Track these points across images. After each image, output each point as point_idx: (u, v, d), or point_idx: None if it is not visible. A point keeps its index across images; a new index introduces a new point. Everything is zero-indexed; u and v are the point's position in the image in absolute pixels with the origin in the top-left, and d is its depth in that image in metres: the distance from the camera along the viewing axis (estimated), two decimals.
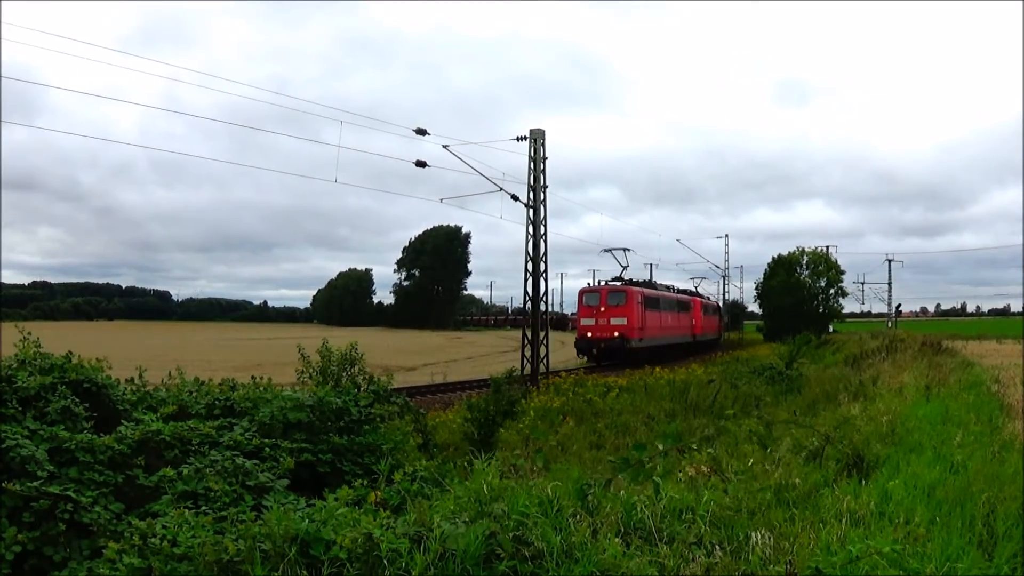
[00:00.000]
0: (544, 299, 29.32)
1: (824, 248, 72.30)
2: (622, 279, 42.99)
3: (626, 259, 43.48)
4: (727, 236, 78.61)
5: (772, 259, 72.93)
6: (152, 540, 4.71)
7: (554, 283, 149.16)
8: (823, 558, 4.28)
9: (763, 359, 33.63)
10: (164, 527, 4.90)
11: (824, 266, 70.21)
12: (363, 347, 14.47)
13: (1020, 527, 5.40)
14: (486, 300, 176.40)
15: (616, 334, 38.56)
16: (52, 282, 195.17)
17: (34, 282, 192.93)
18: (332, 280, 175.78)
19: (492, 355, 58.95)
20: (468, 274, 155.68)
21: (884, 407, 11.94)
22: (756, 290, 75.50)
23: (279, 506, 5.18)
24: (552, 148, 33.48)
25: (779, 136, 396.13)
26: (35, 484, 5.93)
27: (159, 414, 8.37)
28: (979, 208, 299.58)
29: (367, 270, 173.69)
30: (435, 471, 6.94)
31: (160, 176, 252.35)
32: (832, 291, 70.39)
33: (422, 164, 25.53)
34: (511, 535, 4.27)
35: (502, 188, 27.42)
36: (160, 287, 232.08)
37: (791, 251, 72.28)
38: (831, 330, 71.32)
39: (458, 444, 13.62)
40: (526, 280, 28.86)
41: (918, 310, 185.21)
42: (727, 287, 79.03)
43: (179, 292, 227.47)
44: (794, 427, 9.92)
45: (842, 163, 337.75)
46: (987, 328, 72.63)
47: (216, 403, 9.18)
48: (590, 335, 39.49)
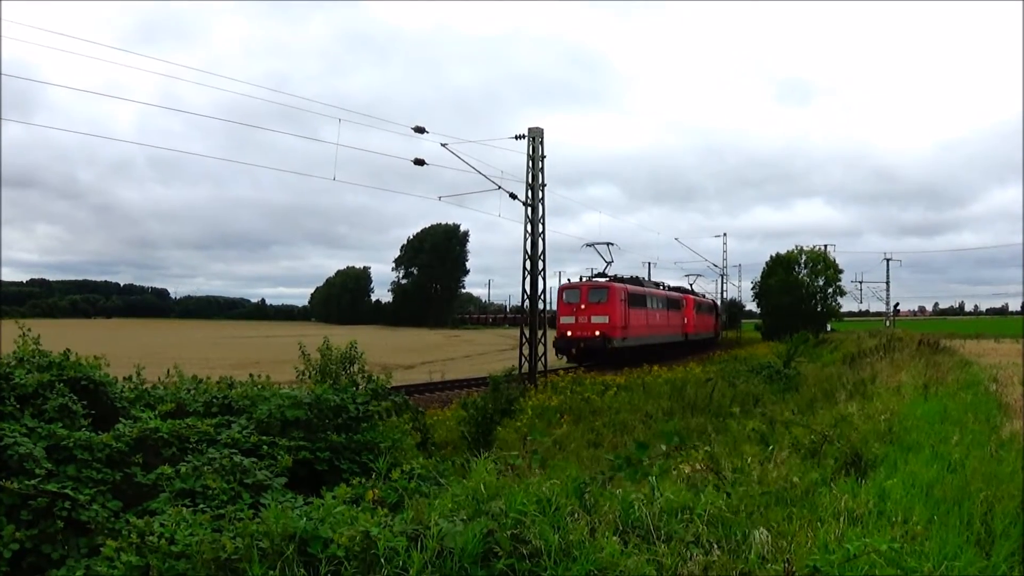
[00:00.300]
0: (542, 297, 29.33)
1: (822, 247, 72.51)
2: (606, 275, 40.67)
3: (610, 254, 41.30)
4: (725, 235, 78.57)
5: (770, 258, 73.14)
6: (150, 538, 4.71)
7: (552, 281, 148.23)
8: (821, 557, 4.28)
9: (761, 358, 33.70)
10: (162, 525, 4.90)
11: (822, 265, 70.32)
12: (361, 345, 14.47)
13: (1018, 526, 5.40)
14: (484, 298, 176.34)
15: (597, 333, 36.60)
16: (50, 280, 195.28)
17: (32, 279, 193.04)
18: (330, 278, 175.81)
19: (490, 353, 58.97)
20: (466, 272, 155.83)
21: (882, 406, 11.94)
22: (754, 289, 75.64)
23: (277, 504, 5.18)
24: (551, 146, 33.51)
25: (779, 135, 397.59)
26: (33, 482, 5.94)
27: (157, 412, 8.36)
28: (979, 207, 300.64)
29: (365, 268, 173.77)
30: (433, 469, 6.95)
31: (158, 173, 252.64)
32: (830, 290, 70.60)
33: (420, 162, 25.48)
34: (509, 533, 4.27)
35: (500, 186, 27.41)
36: (158, 285, 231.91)
37: (789, 250, 72.50)
38: (829, 329, 71.45)
39: (456, 442, 13.62)
40: (524, 278, 28.86)
41: (916, 309, 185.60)
42: (725, 286, 79.05)
43: (177, 290, 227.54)
44: (792, 426, 9.92)
45: (842, 161, 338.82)
46: (985, 327, 72.74)
47: (214, 401, 9.18)
48: (570, 334, 37.35)
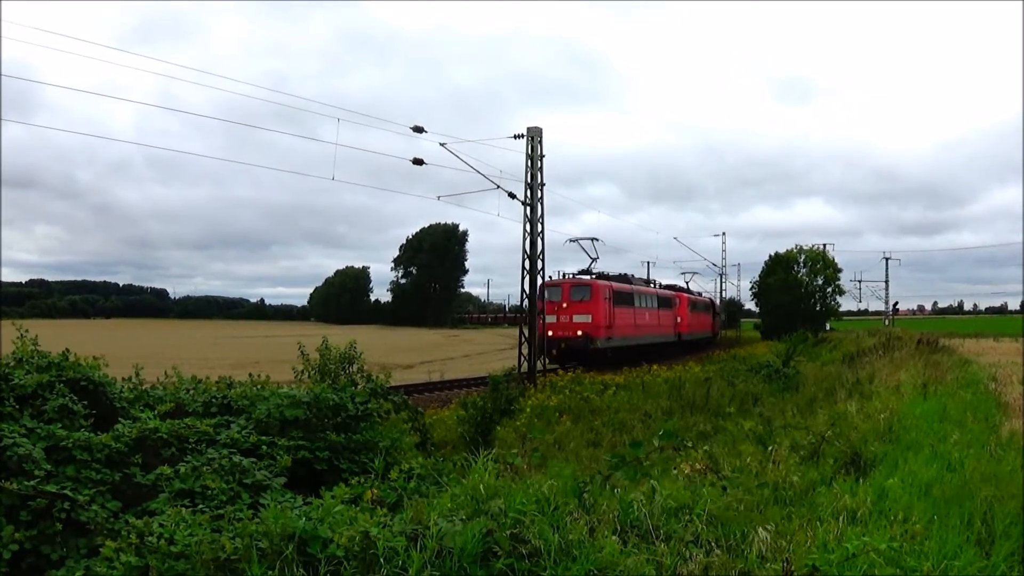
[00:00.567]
0: (541, 298, 29.32)
1: (821, 246, 72.54)
2: (591, 272, 38.51)
3: (595, 250, 39.17)
4: (724, 234, 78.64)
5: (769, 257, 73.13)
6: (149, 538, 4.70)
7: None
8: (820, 556, 4.28)
9: (760, 357, 33.70)
10: (161, 525, 4.90)
11: (821, 264, 70.33)
12: (360, 345, 14.46)
13: (1018, 525, 5.40)
14: (483, 298, 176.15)
15: (579, 333, 34.62)
16: (49, 280, 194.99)
17: (31, 280, 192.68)
18: (329, 278, 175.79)
19: (489, 353, 58.98)
20: (465, 272, 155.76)
21: (881, 405, 11.94)
22: (752, 288, 75.64)
23: (276, 504, 5.18)
24: (551, 145, 33.44)
25: (779, 134, 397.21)
26: (32, 483, 5.93)
27: (156, 412, 8.36)
28: (979, 206, 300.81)
29: (364, 268, 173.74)
30: (432, 469, 6.94)
31: (157, 173, 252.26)
32: (829, 289, 70.57)
33: (419, 162, 25.45)
34: (508, 533, 4.26)
35: (499, 186, 27.37)
36: (157, 285, 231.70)
37: (789, 249, 72.51)
38: (828, 328, 71.46)
39: (455, 442, 13.62)
40: (523, 278, 28.86)
41: (915, 308, 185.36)
42: (724, 285, 79.07)
43: (176, 290, 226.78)
44: (791, 428, 9.93)
45: (842, 161, 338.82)
46: (984, 326, 72.77)
47: (213, 401, 9.18)
48: (551, 334, 34.63)
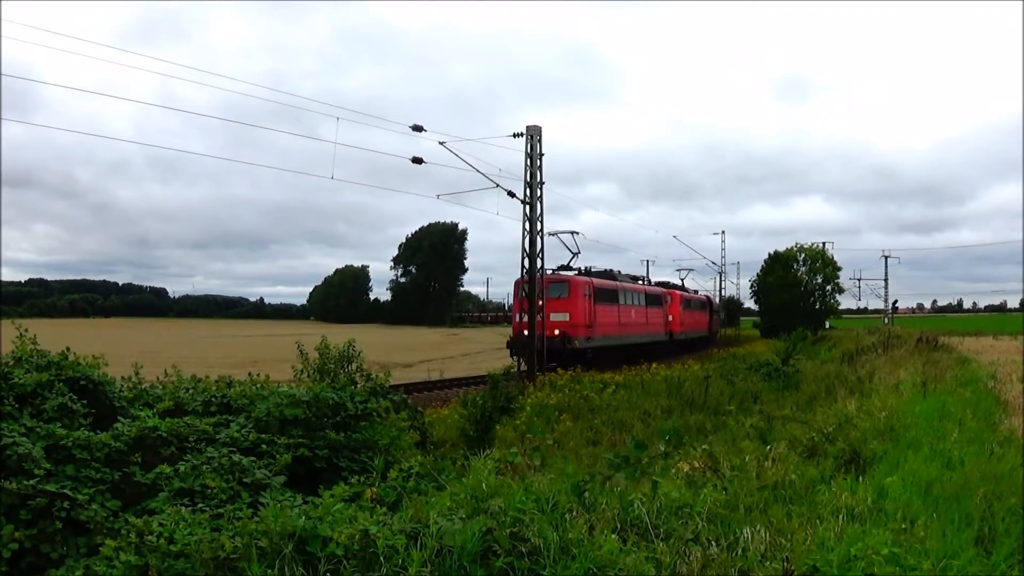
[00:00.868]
0: (540, 296, 29.28)
1: (821, 244, 72.55)
2: (571, 268, 36.16)
3: (576, 245, 36.45)
4: (723, 232, 78.60)
5: (769, 255, 73.11)
6: (149, 537, 4.71)
7: None
8: (820, 555, 4.28)
9: (760, 355, 33.68)
10: (161, 524, 4.90)
11: (821, 262, 70.34)
12: (360, 344, 14.46)
13: (1018, 524, 5.40)
14: (483, 297, 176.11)
15: (557, 332, 32.30)
16: (48, 279, 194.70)
17: (31, 279, 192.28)
18: (329, 277, 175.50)
19: (489, 352, 58.91)
20: (465, 271, 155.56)
21: (881, 403, 11.96)
22: (752, 287, 75.65)
23: (276, 503, 5.18)
24: (550, 144, 33.35)
25: (778, 132, 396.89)
26: (32, 482, 5.93)
27: (156, 411, 8.36)
28: (978, 204, 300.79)
29: (364, 267, 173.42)
30: (432, 468, 6.94)
31: (156, 173, 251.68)
32: (828, 287, 70.58)
33: (419, 161, 25.43)
34: (508, 532, 4.27)
35: (499, 185, 27.34)
36: (156, 284, 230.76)
37: (788, 247, 72.52)
38: (827, 326, 71.48)
39: (455, 441, 13.61)
40: (522, 277, 28.85)
41: (914, 306, 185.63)
42: (724, 283, 79.01)
43: (175, 289, 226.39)
44: (790, 424, 9.93)
45: (841, 159, 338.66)
46: (983, 324, 72.90)
47: (213, 400, 9.17)
48: (527, 333, 31.89)
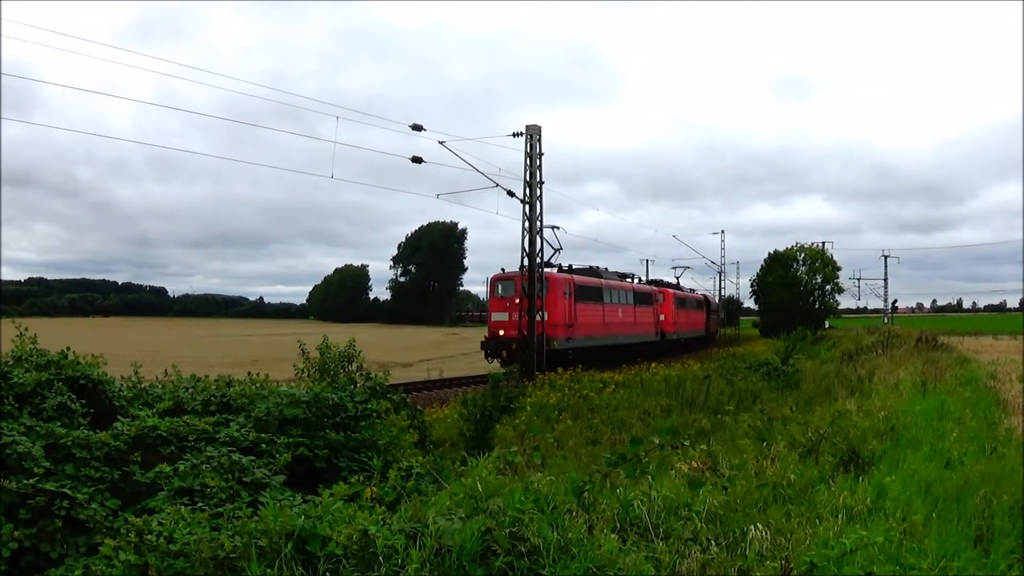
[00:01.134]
0: (540, 295, 29.26)
1: (820, 244, 72.57)
2: (553, 264, 33.90)
3: (558, 240, 34.65)
4: (723, 232, 78.54)
5: (768, 255, 73.13)
6: (148, 537, 4.70)
7: None
8: (819, 554, 4.28)
9: (759, 355, 33.67)
10: (160, 523, 4.89)
11: (820, 262, 70.37)
12: (359, 343, 14.45)
13: (1018, 523, 5.41)
14: (482, 296, 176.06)
15: None
16: (48, 278, 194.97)
17: (30, 278, 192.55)
18: (328, 276, 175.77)
19: None
20: (464, 270, 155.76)
21: (880, 403, 11.97)
22: (751, 286, 75.66)
23: (275, 502, 5.17)
24: (550, 144, 33.27)
25: (778, 131, 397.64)
26: (31, 481, 5.92)
27: (155, 410, 8.35)
28: (978, 203, 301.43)
29: (363, 266, 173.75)
30: (431, 467, 6.94)
31: (156, 172, 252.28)
32: (828, 287, 70.62)
33: (418, 160, 25.41)
34: (507, 531, 4.26)
35: (498, 184, 27.34)
36: (156, 283, 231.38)
37: (788, 247, 72.53)
38: (827, 326, 71.48)
39: (455, 440, 13.61)
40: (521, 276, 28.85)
41: (914, 306, 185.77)
42: (723, 283, 78.98)
43: (175, 288, 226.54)
44: (789, 423, 9.93)
45: (841, 159, 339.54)
46: (983, 324, 72.97)
47: (212, 399, 9.17)
48: (502, 333, 30.78)
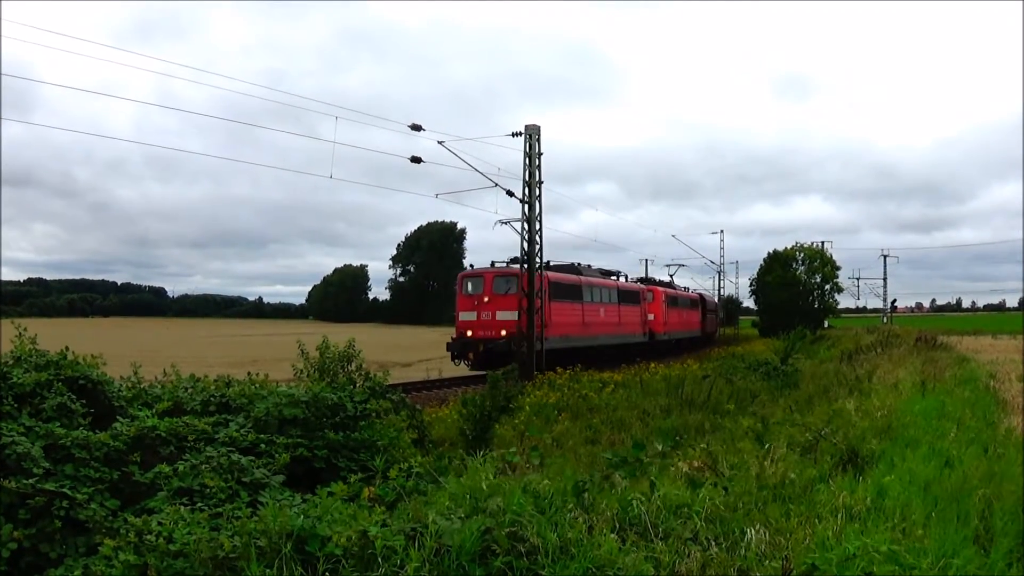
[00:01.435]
0: (539, 295, 29.19)
1: (820, 244, 72.58)
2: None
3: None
4: (722, 231, 78.40)
5: (768, 254, 73.13)
6: (148, 537, 4.70)
7: None
8: (819, 554, 4.28)
9: (758, 354, 33.66)
10: (160, 524, 4.90)
11: (820, 261, 70.39)
12: (359, 343, 14.44)
13: (1017, 523, 5.41)
14: None
15: (504, 333, 28.37)
16: (47, 279, 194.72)
17: (29, 279, 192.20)
18: (328, 276, 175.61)
19: None
20: (464, 270, 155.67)
21: (879, 402, 11.95)
22: (751, 286, 75.67)
23: (274, 502, 5.18)
24: (549, 143, 33.26)
25: (778, 131, 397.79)
26: (31, 481, 5.92)
27: (154, 410, 8.35)
28: (978, 203, 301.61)
29: (363, 266, 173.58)
30: (431, 467, 6.94)
31: (155, 172, 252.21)
32: (827, 287, 70.65)
33: (417, 160, 25.37)
34: (506, 531, 4.27)
35: (497, 184, 27.29)
36: (155, 283, 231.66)
37: (787, 247, 72.55)
38: (826, 325, 71.48)
39: (454, 440, 13.61)
40: (521, 276, 28.81)
41: (913, 305, 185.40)
42: (723, 282, 78.94)
43: (174, 288, 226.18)
44: (789, 425, 9.93)
45: (841, 158, 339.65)
46: (982, 323, 73.01)
47: (211, 399, 9.17)
48: (469, 334, 29.35)
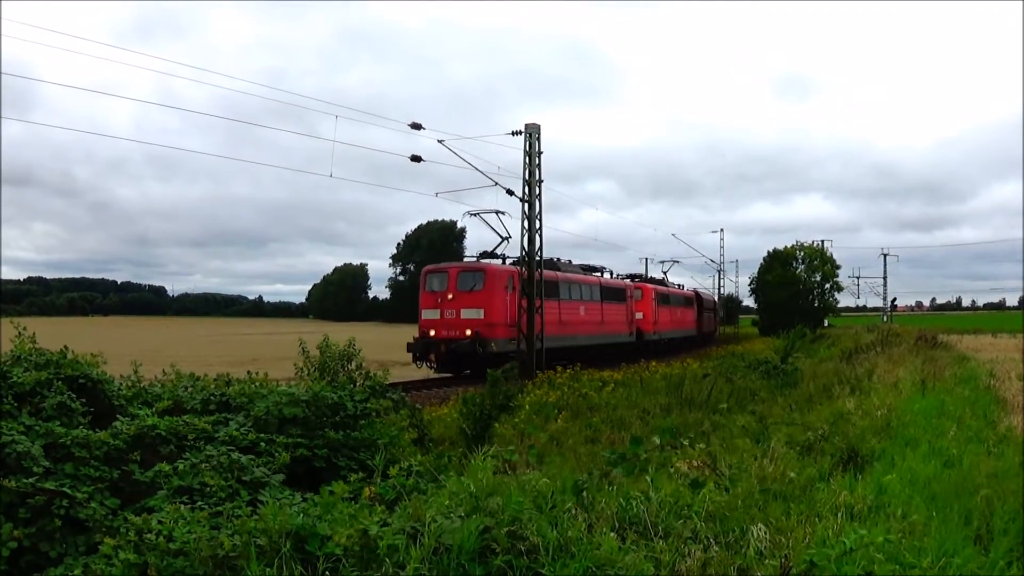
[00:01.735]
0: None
1: (820, 242, 72.59)
2: (496, 255, 29.54)
3: (506, 229, 29.87)
4: (722, 230, 78.32)
5: (768, 253, 73.15)
6: (148, 536, 4.70)
7: None
8: (818, 552, 4.28)
9: (758, 353, 33.65)
10: (160, 522, 4.89)
11: (820, 260, 70.39)
12: (359, 342, 14.45)
13: (1017, 522, 5.41)
14: None
15: (468, 332, 26.57)
16: (47, 278, 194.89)
17: (29, 278, 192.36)
18: (328, 275, 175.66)
19: None
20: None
21: (879, 401, 11.96)
22: (751, 284, 75.68)
23: (274, 501, 5.18)
24: (549, 142, 33.20)
25: (778, 130, 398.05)
26: (31, 480, 5.92)
27: (154, 409, 8.34)
28: (978, 202, 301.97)
29: (363, 265, 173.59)
30: (430, 466, 6.94)
31: (155, 171, 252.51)
32: (827, 285, 70.64)
33: (417, 159, 25.32)
34: (506, 530, 4.27)
35: (497, 183, 27.22)
36: (155, 282, 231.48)
37: (787, 245, 72.56)
38: (826, 324, 71.49)
39: (454, 439, 13.61)
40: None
41: (913, 304, 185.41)
42: (723, 281, 78.92)
43: (174, 287, 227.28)
44: (787, 425, 9.94)
45: (841, 157, 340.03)
46: (982, 322, 73.02)
47: (211, 398, 9.16)
48: (432, 334, 27.55)
